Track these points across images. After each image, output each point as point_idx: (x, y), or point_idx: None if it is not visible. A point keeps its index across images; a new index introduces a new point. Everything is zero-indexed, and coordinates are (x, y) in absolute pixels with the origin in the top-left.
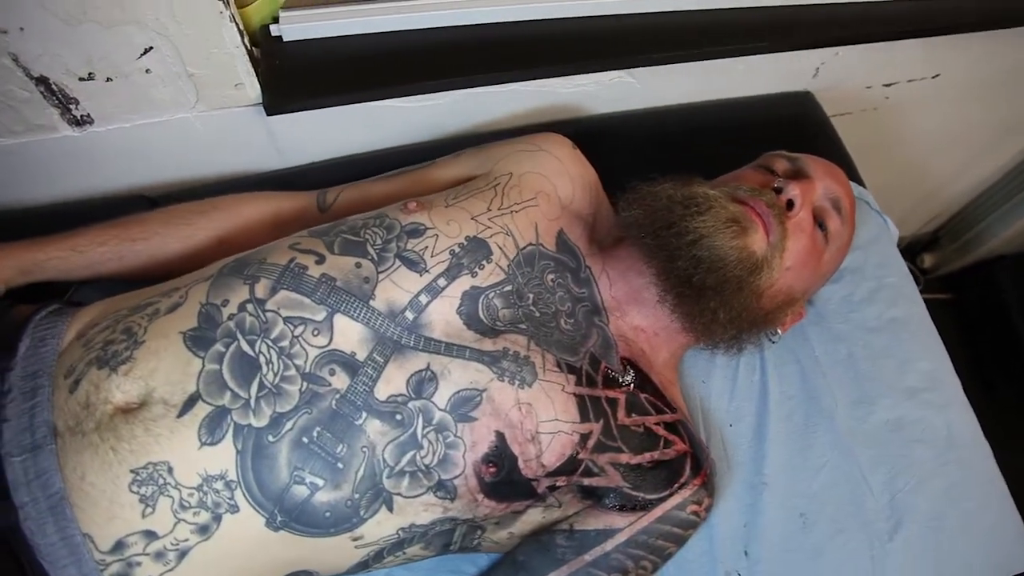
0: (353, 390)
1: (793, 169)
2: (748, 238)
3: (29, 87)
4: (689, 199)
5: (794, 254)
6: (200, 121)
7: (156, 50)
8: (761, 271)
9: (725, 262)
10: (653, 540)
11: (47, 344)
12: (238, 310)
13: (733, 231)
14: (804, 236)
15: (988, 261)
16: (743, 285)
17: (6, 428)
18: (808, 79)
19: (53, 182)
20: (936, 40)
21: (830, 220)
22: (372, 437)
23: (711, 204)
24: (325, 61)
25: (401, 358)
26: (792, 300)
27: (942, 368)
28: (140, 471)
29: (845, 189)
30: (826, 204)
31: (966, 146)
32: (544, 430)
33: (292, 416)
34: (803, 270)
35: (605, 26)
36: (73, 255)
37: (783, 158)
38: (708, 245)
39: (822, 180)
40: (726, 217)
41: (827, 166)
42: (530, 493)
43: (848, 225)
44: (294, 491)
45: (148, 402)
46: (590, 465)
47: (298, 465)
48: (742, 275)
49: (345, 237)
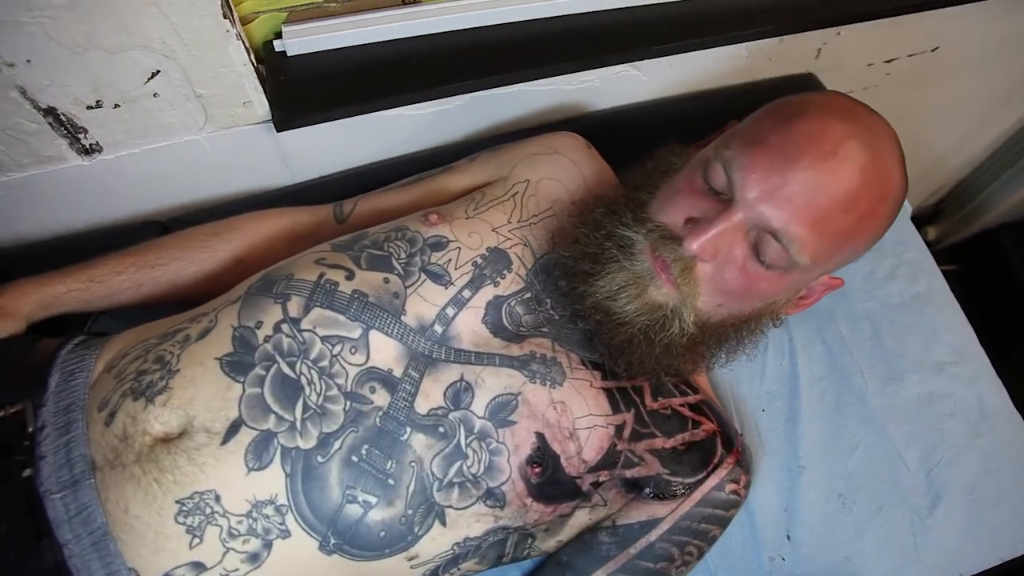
0: (395, 406)
1: (722, 186)
2: (647, 295)
3: (37, 119)
4: (596, 253)
5: (721, 294)
6: (209, 142)
7: (163, 73)
8: (671, 323)
9: (622, 322)
10: (696, 524)
11: (77, 378)
12: (274, 331)
13: (629, 294)
14: (730, 273)
15: (992, 230)
16: (652, 339)
17: (44, 465)
18: (811, 61)
19: (64, 212)
20: (934, 13)
21: (766, 251)
22: (419, 451)
23: (608, 267)
24: (331, 73)
25: (435, 371)
26: (764, 311)
27: (967, 340)
28: (186, 501)
29: (800, 208)
30: (760, 233)
31: (966, 116)
32: (581, 425)
33: (339, 435)
34: (746, 298)
35: (606, 21)
36: (92, 285)
37: (719, 165)
38: (604, 308)
39: (752, 208)
40: (623, 281)
41: (782, 174)
42: (575, 492)
43: (808, 249)
44: (347, 511)
45: (189, 431)
46: (629, 455)
47: (350, 484)
48: (646, 330)
49: (370, 252)
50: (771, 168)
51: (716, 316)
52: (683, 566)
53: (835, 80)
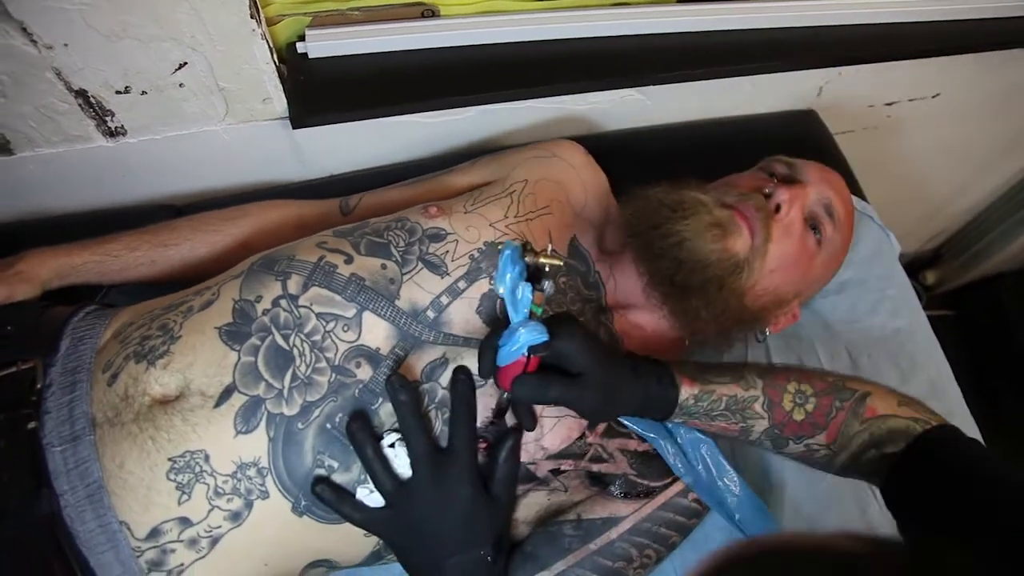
0: (375, 380)
1: (789, 174)
2: (730, 240)
3: (69, 100)
4: (676, 203)
5: (779, 257)
6: (228, 133)
7: (190, 65)
8: (742, 271)
9: (706, 264)
10: (657, 528)
11: (86, 343)
12: (272, 305)
13: (714, 234)
14: (791, 240)
15: (990, 278)
16: (723, 284)
17: (47, 420)
18: (812, 98)
19: (86, 190)
20: (936, 60)
21: (823, 225)
22: (383, 419)
23: (696, 209)
24: (349, 77)
25: (420, 351)
26: (781, 301)
27: (944, 377)
28: (178, 459)
29: (841, 195)
30: (819, 209)
31: (966, 164)
32: (548, 414)
33: (320, 404)
34: (790, 272)
35: (617, 46)
36: (107, 259)
37: (781, 162)
38: (690, 248)
39: (816, 185)
40: (709, 222)
41: (823, 172)
42: (530, 477)
43: (842, 232)
44: (316, 475)
45: (185, 394)
46: (600, 451)
47: (320, 450)
48: (723, 275)
49: (370, 239)
50: (819, 169)
51: (760, 287)
52: (640, 568)
53: (835, 119)
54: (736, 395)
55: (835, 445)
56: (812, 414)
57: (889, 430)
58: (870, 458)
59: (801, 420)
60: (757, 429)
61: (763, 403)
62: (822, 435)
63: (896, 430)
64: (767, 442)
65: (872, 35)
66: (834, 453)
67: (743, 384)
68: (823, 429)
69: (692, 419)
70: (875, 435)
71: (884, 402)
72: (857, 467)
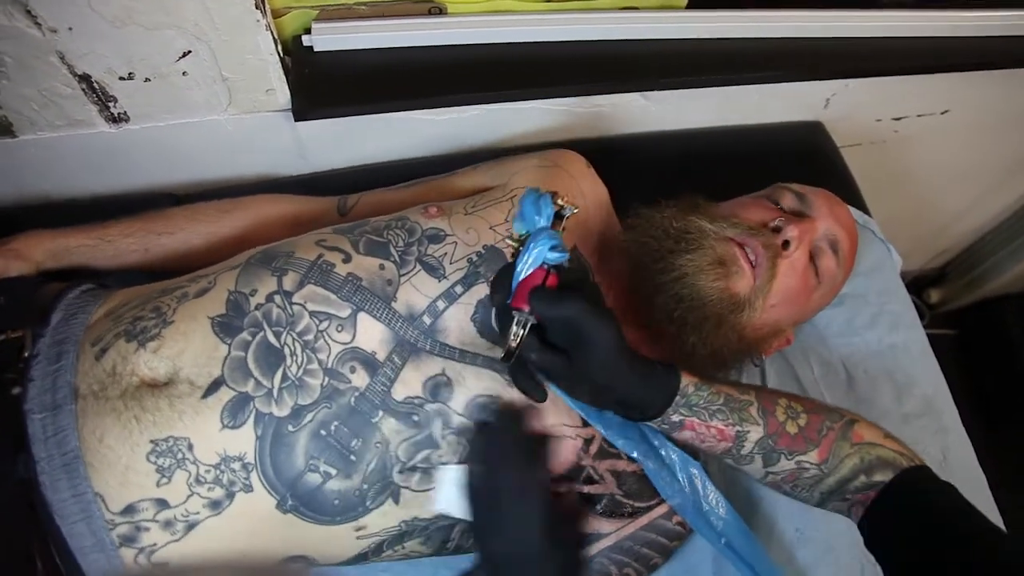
0: (372, 389)
1: (798, 207)
2: (731, 281)
3: (72, 84)
4: (682, 233)
5: (781, 292)
6: (230, 123)
7: (194, 54)
8: (743, 310)
9: (704, 301)
10: (639, 548)
11: (77, 318)
12: (266, 300)
13: (717, 273)
14: (795, 275)
15: (994, 299)
16: (722, 322)
17: (31, 387)
18: (819, 109)
19: (87, 176)
20: (947, 77)
21: (825, 260)
22: (387, 434)
23: (700, 243)
24: (353, 72)
25: (417, 360)
26: (778, 331)
27: (940, 395)
28: (160, 442)
29: (847, 231)
30: (824, 244)
31: (974, 183)
32: (551, 432)
33: (313, 409)
34: (791, 307)
35: (624, 50)
36: (101, 244)
37: (790, 192)
38: (691, 284)
39: (824, 220)
40: (712, 259)
41: (832, 204)
42: None
43: (844, 266)
44: (308, 478)
45: (174, 380)
46: (591, 472)
47: (314, 455)
48: (722, 313)
49: (369, 237)
50: (828, 202)
51: (760, 321)
52: None
53: (842, 131)
54: (733, 395)
55: (826, 466)
56: (804, 428)
57: (879, 458)
58: (858, 485)
59: (795, 433)
60: (752, 437)
61: (758, 409)
62: (814, 452)
63: (885, 459)
64: (758, 457)
65: (882, 48)
66: (824, 475)
67: (739, 389)
68: (816, 445)
69: (691, 415)
70: (865, 460)
71: (870, 431)
72: (842, 494)
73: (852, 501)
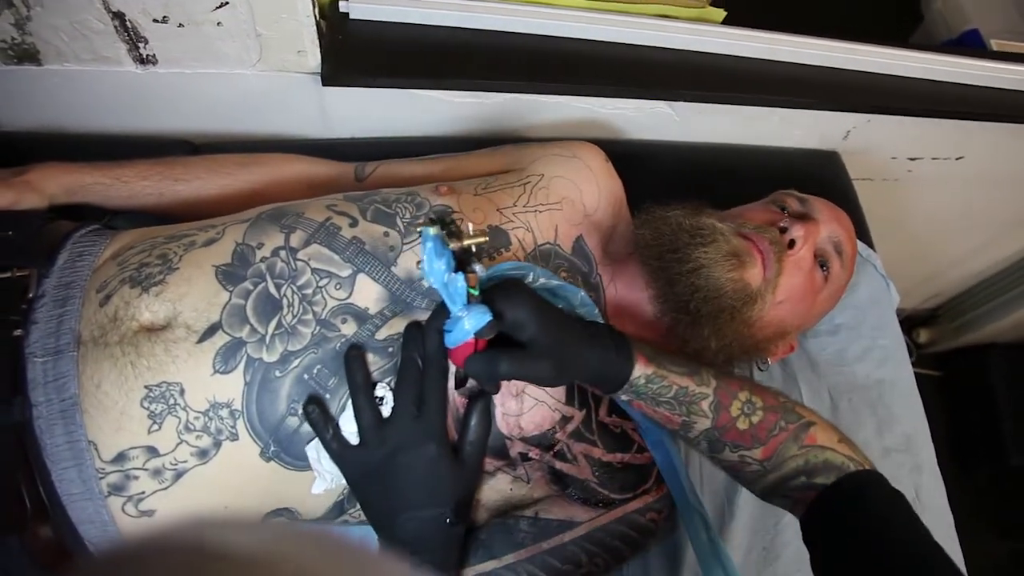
0: (358, 335)
1: (802, 210)
2: (745, 271)
3: (105, 19)
4: (696, 229)
5: (788, 290)
6: (257, 80)
7: (231, 6)
8: (754, 303)
9: (720, 292)
10: (609, 540)
11: (84, 260)
12: (271, 254)
13: (731, 264)
14: (801, 274)
15: (980, 346)
16: (735, 314)
17: (34, 330)
18: (838, 140)
19: (107, 113)
20: (966, 124)
21: (832, 261)
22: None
23: (715, 237)
24: (386, 43)
25: (410, 314)
26: (783, 333)
27: (919, 434)
28: (154, 388)
29: (848, 234)
30: (828, 247)
31: (977, 231)
32: (531, 393)
33: (300, 355)
34: (797, 305)
35: (656, 57)
36: (117, 184)
37: (794, 197)
38: (707, 275)
39: (827, 224)
40: (727, 250)
41: (834, 210)
42: (502, 451)
43: (847, 270)
44: (288, 422)
45: (172, 324)
46: (564, 450)
47: (295, 398)
48: (736, 305)
49: (378, 207)
50: (830, 207)
51: (767, 317)
52: (587, 575)
53: (857, 164)
54: (688, 388)
55: (768, 463)
56: (756, 427)
57: (825, 461)
58: (798, 485)
59: (743, 430)
60: (698, 427)
61: (711, 403)
62: (759, 450)
63: (831, 463)
64: (704, 443)
65: (907, 88)
66: (766, 471)
67: (697, 379)
68: (761, 444)
69: (638, 399)
70: (810, 463)
71: (825, 435)
72: (783, 491)
73: (794, 499)
